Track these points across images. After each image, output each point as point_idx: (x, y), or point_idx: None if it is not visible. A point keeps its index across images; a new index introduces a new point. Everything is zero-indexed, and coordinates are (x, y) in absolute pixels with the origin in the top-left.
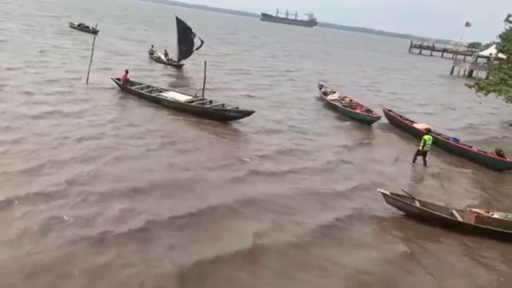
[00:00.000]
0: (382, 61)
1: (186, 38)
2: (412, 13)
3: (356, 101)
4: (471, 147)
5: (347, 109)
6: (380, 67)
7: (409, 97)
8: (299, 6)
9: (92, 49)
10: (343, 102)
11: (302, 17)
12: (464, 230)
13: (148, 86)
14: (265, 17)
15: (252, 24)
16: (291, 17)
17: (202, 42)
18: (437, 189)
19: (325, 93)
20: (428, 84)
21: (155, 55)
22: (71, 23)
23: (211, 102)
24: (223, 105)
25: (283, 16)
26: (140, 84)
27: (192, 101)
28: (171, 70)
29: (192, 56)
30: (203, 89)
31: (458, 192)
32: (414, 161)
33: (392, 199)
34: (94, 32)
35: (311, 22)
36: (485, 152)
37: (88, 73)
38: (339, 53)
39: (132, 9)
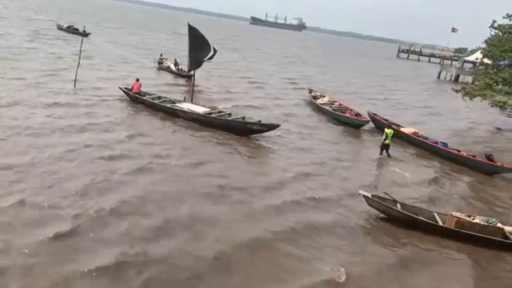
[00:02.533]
0: (384, 68)
1: (198, 46)
2: (399, 18)
3: (345, 105)
4: (459, 151)
5: (337, 113)
6: (383, 75)
7: (401, 101)
8: (288, 6)
9: (80, 52)
10: (332, 106)
11: (291, 21)
12: (444, 234)
13: (159, 97)
14: (255, 20)
15: (243, 29)
16: (280, 21)
17: (215, 51)
18: (424, 193)
19: (315, 97)
20: (417, 89)
21: (164, 64)
22: (58, 25)
23: (230, 114)
24: (243, 118)
25: (272, 20)
26: (151, 94)
27: (210, 113)
28: (181, 81)
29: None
30: (192, 95)
31: (445, 195)
32: (381, 153)
33: (373, 201)
34: (85, 34)
35: (300, 26)
36: (474, 156)
37: (76, 77)
38: (340, 60)
39: (116, 12)
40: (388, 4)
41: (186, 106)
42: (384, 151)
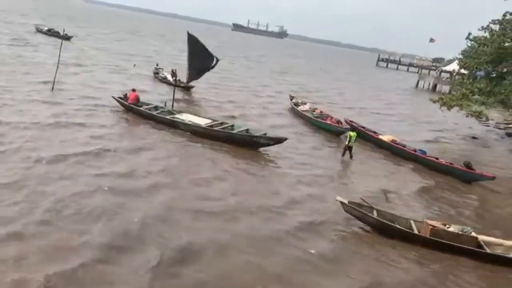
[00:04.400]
0: (365, 76)
1: (198, 56)
2: (378, 28)
3: (326, 112)
4: (437, 158)
5: (318, 120)
6: (363, 83)
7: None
8: (270, 11)
9: (59, 55)
10: (314, 113)
11: (273, 28)
12: (420, 242)
13: (156, 107)
14: (236, 27)
15: (226, 35)
16: (262, 28)
17: (217, 60)
18: (403, 199)
19: (296, 104)
20: (395, 97)
21: (160, 74)
22: (38, 27)
23: (232, 126)
24: (247, 130)
25: (254, 27)
26: (147, 104)
27: (212, 125)
28: (179, 92)
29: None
30: (173, 100)
31: (424, 203)
32: (343, 155)
33: (349, 208)
34: (67, 38)
35: (282, 34)
36: (452, 164)
37: (55, 78)
38: (335, 71)
39: (99, 16)
40: (367, 15)
41: (187, 117)
42: (347, 153)
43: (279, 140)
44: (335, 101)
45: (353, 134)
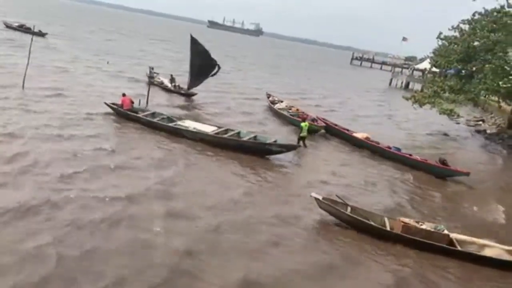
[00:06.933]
0: (339, 75)
1: (200, 62)
2: (353, 27)
3: (302, 110)
4: (411, 155)
5: (295, 118)
6: (339, 81)
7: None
8: (246, 10)
9: (29, 51)
10: (290, 111)
11: (249, 26)
12: (392, 239)
13: (153, 113)
14: (212, 24)
15: (202, 32)
16: (238, 25)
17: (219, 67)
18: (379, 197)
19: (273, 102)
20: (369, 95)
21: (156, 79)
22: (6, 23)
23: (239, 133)
24: (255, 137)
25: (229, 24)
26: (144, 110)
27: (218, 133)
28: (179, 100)
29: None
30: (147, 99)
31: (400, 200)
32: (298, 142)
33: (323, 204)
34: (41, 34)
35: (258, 32)
36: (426, 160)
37: (25, 76)
38: (326, 71)
39: (74, 12)
40: (343, 14)
41: (191, 124)
42: (301, 142)
43: (291, 147)
44: (312, 99)
45: (304, 124)
